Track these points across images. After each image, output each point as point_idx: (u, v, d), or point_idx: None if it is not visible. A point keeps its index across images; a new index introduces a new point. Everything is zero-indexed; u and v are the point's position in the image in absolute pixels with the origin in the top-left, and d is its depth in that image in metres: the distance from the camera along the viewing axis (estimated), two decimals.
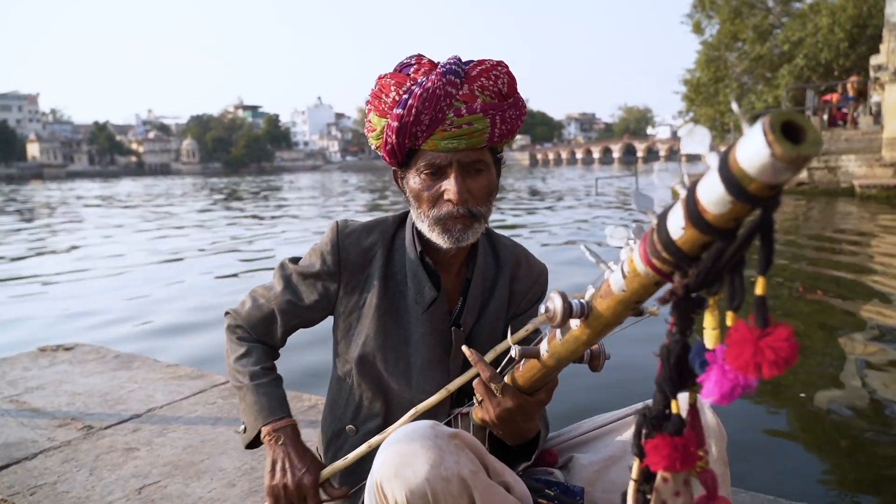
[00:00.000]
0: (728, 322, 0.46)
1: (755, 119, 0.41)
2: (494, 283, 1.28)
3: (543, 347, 0.87)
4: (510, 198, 20.30)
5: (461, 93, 1.08)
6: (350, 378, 1.25)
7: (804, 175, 16.85)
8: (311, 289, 1.24)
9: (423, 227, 1.16)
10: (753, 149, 0.40)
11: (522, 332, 1.08)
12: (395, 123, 1.09)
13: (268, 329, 1.27)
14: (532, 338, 1.09)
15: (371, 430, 1.23)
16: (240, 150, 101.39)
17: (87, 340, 3.58)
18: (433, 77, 1.07)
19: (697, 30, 29.49)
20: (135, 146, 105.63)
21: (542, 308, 0.76)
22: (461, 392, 1.17)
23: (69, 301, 6.57)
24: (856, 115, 17.35)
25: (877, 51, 17.15)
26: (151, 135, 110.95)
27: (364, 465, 1.16)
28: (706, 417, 1.11)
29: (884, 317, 5.06)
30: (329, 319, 1.30)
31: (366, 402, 1.25)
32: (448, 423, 1.15)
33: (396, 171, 1.20)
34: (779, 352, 0.42)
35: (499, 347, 1.13)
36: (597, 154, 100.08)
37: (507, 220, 13.36)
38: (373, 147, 1.20)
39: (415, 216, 1.18)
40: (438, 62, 1.13)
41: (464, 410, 1.16)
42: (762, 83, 26.85)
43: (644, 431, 0.54)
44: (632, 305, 0.64)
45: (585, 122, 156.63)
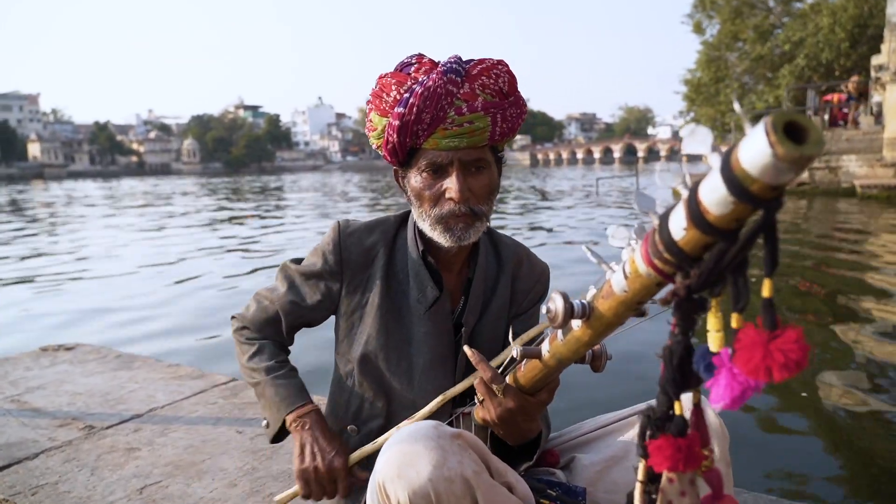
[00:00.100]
0: (733, 324, 0.45)
1: (757, 119, 0.41)
2: (496, 283, 1.28)
3: (545, 348, 0.87)
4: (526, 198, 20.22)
5: (462, 91, 1.08)
6: (352, 378, 1.25)
7: (805, 175, 16.84)
8: (314, 289, 1.24)
9: (425, 227, 1.16)
10: (756, 149, 0.39)
11: (526, 337, 1.08)
12: (397, 122, 1.09)
13: (274, 329, 1.28)
14: (534, 338, 1.09)
15: (373, 430, 1.23)
16: (240, 150, 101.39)
17: (88, 340, 3.58)
18: (434, 76, 1.07)
19: (698, 30, 29.48)
20: (135, 146, 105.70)
21: (544, 308, 0.76)
22: (463, 391, 1.17)
23: (70, 301, 6.58)
24: (857, 116, 17.34)
25: (878, 51, 17.14)
26: (152, 135, 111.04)
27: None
28: (709, 418, 1.11)
29: (888, 313, 5.06)
30: (331, 319, 1.30)
31: (367, 402, 1.24)
32: (450, 423, 1.15)
33: (397, 171, 1.20)
34: (789, 354, 0.41)
35: (503, 355, 1.12)
36: (597, 154, 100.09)
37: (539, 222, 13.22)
38: (374, 146, 1.20)
39: (416, 215, 1.18)
40: (439, 61, 1.13)
41: (465, 410, 1.16)
42: (763, 83, 26.84)
43: (648, 432, 0.54)
44: (633, 306, 0.63)
45: (586, 122, 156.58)
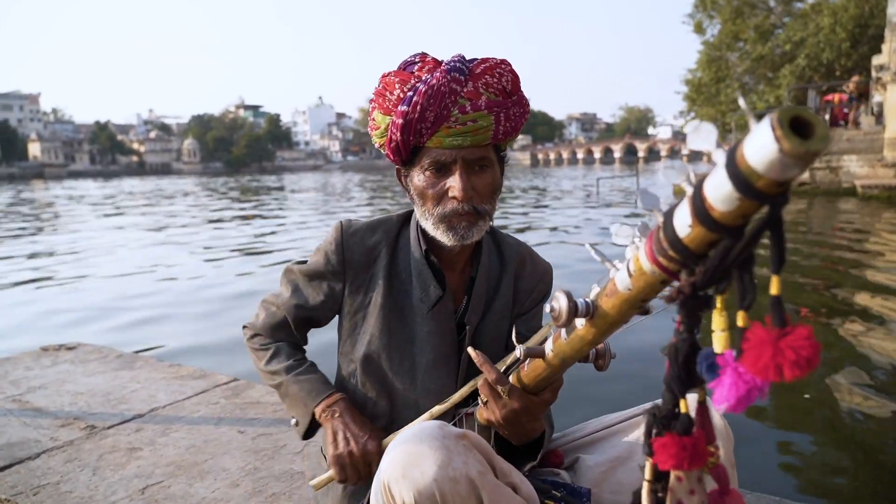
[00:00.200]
0: (739, 322, 0.45)
1: (761, 117, 0.40)
2: (499, 282, 1.28)
3: (548, 347, 0.87)
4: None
5: (466, 90, 1.08)
6: (355, 378, 1.25)
7: (806, 175, 16.82)
8: (317, 290, 1.24)
9: (428, 225, 1.16)
10: (761, 145, 0.39)
11: (537, 337, 1.08)
12: (400, 121, 1.08)
13: (286, 332, 1.29)
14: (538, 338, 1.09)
15: None
16: (241, 150, 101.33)
17: (90, 340, 3.58)
18: (438, 74, 1.07)
19: (699, 30, 29.46)
20: (136, 146, 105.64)
21: (548, 307, 0.76)
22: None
23: (71, 301, 6.58)
24: (857, 116, 17.33)
25: (878, 51, 17.14)
26: (153, 134, 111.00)
27: None
28: (713, 419, 1.10)
29: (892, 311, 5.06)
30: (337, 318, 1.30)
31: (371, 402, 1.24)
32: (453, 424, 1.15)
33: (400, 170, 1.20)
34: (801, 352, 0.40)
35: (507, 359, 1.12)
36: (598, 154, 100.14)
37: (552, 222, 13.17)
38: (376, 145, 1.20)
39: (419, 214, 1.18)
40: (442, 60, 1.13)
41: (468, 411, 1.16)
42: (764, 83, 26.83)
43: (654, 431, 0.54)
44: (637, 304, 0.63)
45: (586, 122, 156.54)
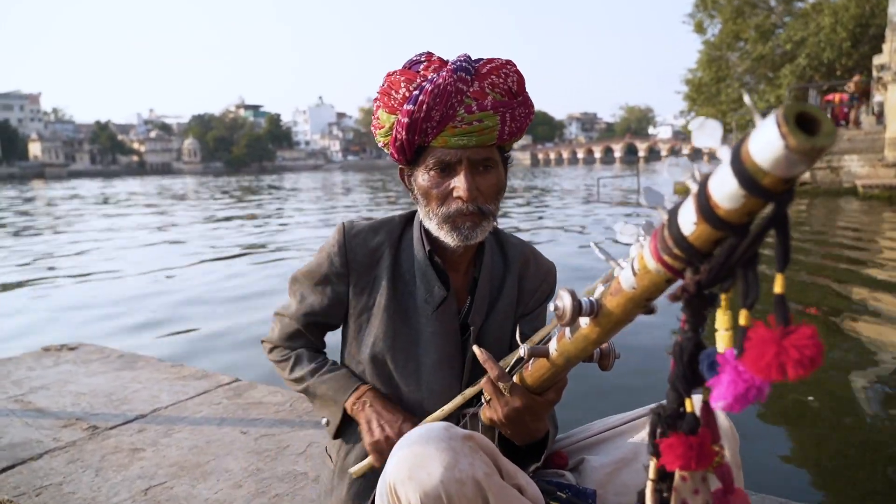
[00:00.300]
0: (741, 321, 0.45)
1: (765, 115, 0.40)
2: (502, 282, 1.27)
3: (552, 346, 0.87)
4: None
5: (472, 90, 1.07)
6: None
7: (806, 175, 16.81)
8: (324, 294, 1.24)
9: (431, 226, 1.15)
10: (767, 141, 0.39)
11: (540, 334, 1.08)
12: (406, 119, 1.08)
13: (303, 340, 1.31)
14: (543, 339, 1.09)
15: None
16: (241, 150, 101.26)
17: (91, 340, 3.58)
18: (444, 74, 1.06)
19: (699, 29, 29.47)
20: (136, 146, 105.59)
21: (552, 306, 0.75)
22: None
23: (72, 301, 6.58)
24: (858, 115, 17.32)
25: (879, 50, 17.14)
26: (153, 134, 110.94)
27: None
28: (719, 420, 1.10)
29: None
30: None
31: None
32: (456, 424, 1.15)
33: (403, 169, 1.20)
34: (804, 351, 0.40)
35: (511, 357, 1.12)
36: (598, 154, 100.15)
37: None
38: (380, 144, 1.19)
39: (422, 214, 1.17)
40: (448, 60, 1.13)
41: (472, 411, 1.16)
42: (764, 83, 26.83)
43: (659, 430, 0.53)
44: (642, 303, 0.63)
45: (587, 122, 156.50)
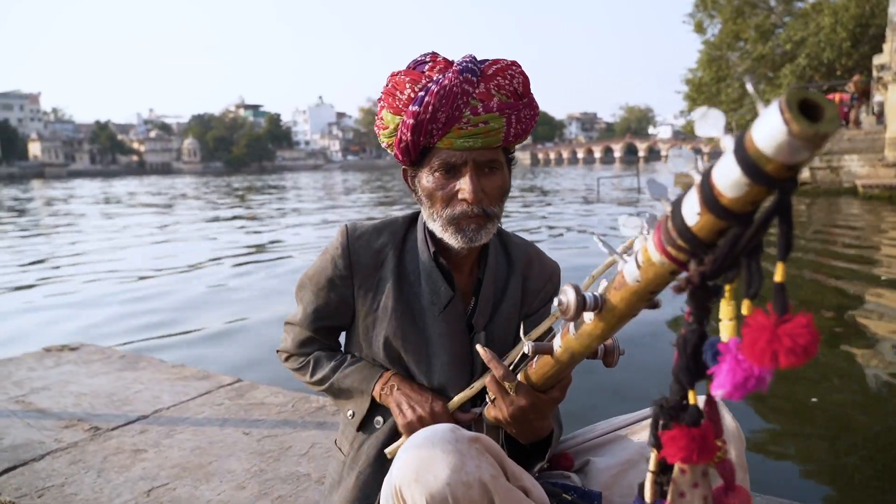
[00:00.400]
0: (744, 311, 0.45)
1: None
2: (506, 283, 1.27)
3: (556, 343, 0.86)
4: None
5: (478, 91, 1.07)
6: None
7: (806, 175, 16.82)
8: (330, 298, 1.24)
9: (436, 227, 1.15)
10: (770, 128, 0.39)
11: (541, 328, 1.08)
12: (411, 121, 1.07)
13: (317, 345, 1.31)
14: (545, 335, 1.09)
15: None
16: (241, 150, 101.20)
17: (92, 340, 3.57)
18: (450, 75, 1.06)
19: (699, 29, 29.43)
20: (136, 145, 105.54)
21: (556, 301, 0.75)
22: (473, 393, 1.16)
23: (73, 301, 6.57)
24: (858, 115, 17.33)
25: (879, 50, 17.14)
26: (153, 134, 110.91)
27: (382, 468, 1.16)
28: (725, 421, 1.10)
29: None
30: None
31: None
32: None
33: (406, 170, 1.19)
34: (797, 339, 0.39)
35: (514, 351, 1.11)
36: (598, 154, 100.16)
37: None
38: (383, 145, 1.18)
39: (427, 216, 1.17)
40: (453, 60, 1.12)
41: (477, 411, 1.16)
42: (764, 83, 26.80)
43: (661, 423, 0.53)
44: (646, 297, 0.63)
45: (587, 122, 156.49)
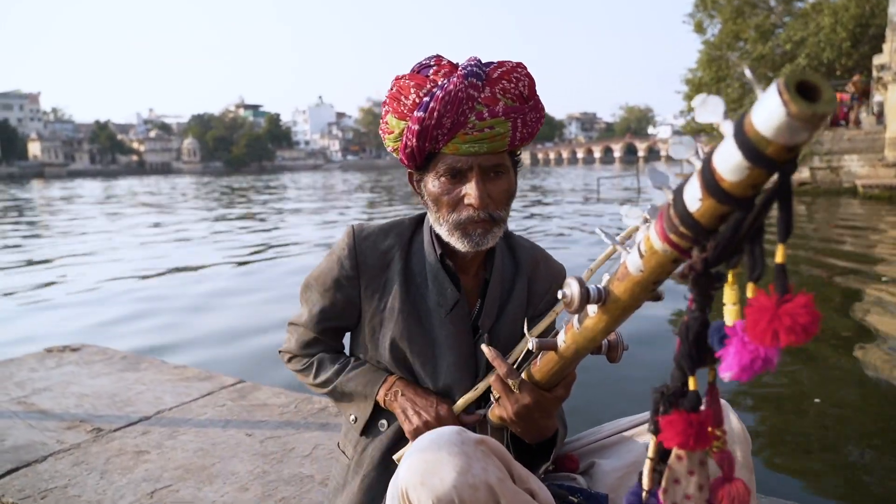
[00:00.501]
0: (748, 294, 0.45)
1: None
2: (513, 285, 1.27)
3: (560, 339, 0.86)
4: None
5: (483, 96, 1.05)
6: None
7: (807, 175, 16.82)
8: (336, 299, 1.23)
9: (442, 231, 1.15)
10: (769, 110, 0.40)
11: (542, 324, 1.08)
12: (416, 127, 1.06)
13: (321, 346, 1.30)
14: (548, 332, 1.09)
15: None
16: (241, 150, 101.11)
17: (93, 341, 3.57)
18: (455, 79, 1.05)
19: (699, 29, 29.40)
20: (136, 145, 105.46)
21: (560, 294, 0.75)
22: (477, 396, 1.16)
23: (74, 302, 6.57)
24: (858, 115, 17.33)
25: (879, 50, 17.14)
26: (153, 134, 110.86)
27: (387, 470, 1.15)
28: (731, 423, 1.10)
29: None
30: None
31: None
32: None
33: (412, 174, 1.19)
34: (797, 318, 0.40)
35: (518, 348, 1.11)
36: (598, 154, 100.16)
37: None
38: (389, 149, 1.18)
39: (433, 220, 1.16)
40: (457, 63, 1.11)
41: (481, 413, 1.16)
42: (764, 83, 26.57)
43: (661, 409, 0.53)
44: (650, 287, 0.63)
45: (586, 122, 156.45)
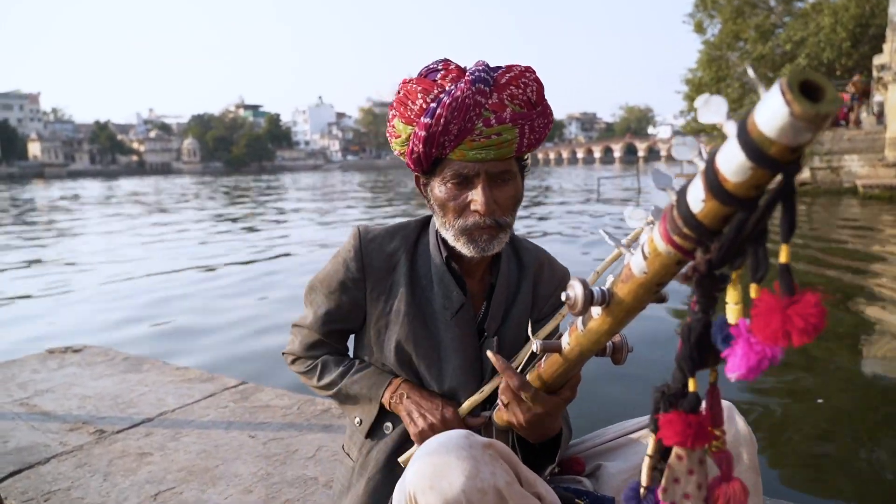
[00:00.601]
0: (752, 295, 0.45)
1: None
2: (518, 288, 1.27)
3: (565, 340, 0.86)
4: None
5: (490, 102, 1.04)
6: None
7: (807, 175, 16.82)
8: (341, 301, 1.23)
9: (448, 236, 1.14)
10: (772, 110, 0.39)
11: (548, 327, 1.08)
12: (423, 133, 1.06)
13: (326, 348, 1.30)
14: (552, 334, 1.09)
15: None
16: (241, 150, 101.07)
17: (95, 342, 3.57)
18: (462, 85, 1.04)
19: (699, 29, 29.40)
20: (136, 145, 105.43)
21: (563, 296, 0.75)
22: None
23: (75, 302, 6.56)
24: (858, 115, 17.33)
25: (879, 50, 17.15)
26: (153, 134, 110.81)
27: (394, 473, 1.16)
28: (737, 425, 1.10)
29: None
30: None
31: None
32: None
33: (419, 178, 1.18)
34: (808, 318, 0.40)
35: (523, 351, 1.11)
36: (598, 154, 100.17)
37: None
38: (395, 153, 1.18)
39: (439, 224, 1.16)
40: (465, 67, 1.10)
41: (486, 415, 1.15)
42: (764, 83, 26.71)
43: (661, 408, 0.53)
44: (653, 289, 0.62)
45: (586, 122, 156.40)
